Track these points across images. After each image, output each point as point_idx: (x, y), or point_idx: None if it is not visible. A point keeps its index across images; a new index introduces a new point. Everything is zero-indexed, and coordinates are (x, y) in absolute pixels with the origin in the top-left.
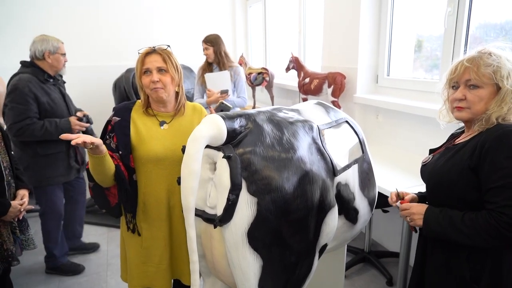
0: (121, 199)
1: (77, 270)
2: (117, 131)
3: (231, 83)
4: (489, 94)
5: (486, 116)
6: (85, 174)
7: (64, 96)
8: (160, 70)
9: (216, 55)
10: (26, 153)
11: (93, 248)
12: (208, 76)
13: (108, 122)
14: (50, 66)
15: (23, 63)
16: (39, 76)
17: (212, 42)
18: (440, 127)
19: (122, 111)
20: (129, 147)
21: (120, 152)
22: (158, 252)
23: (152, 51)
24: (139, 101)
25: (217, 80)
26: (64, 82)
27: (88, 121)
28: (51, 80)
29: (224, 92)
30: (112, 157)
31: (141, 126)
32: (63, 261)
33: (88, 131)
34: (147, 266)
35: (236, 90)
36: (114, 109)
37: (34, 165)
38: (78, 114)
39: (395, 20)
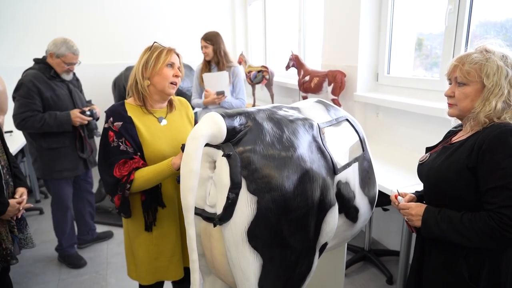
0: (149, 199)
1: (77, 264)
2: (126, 135)
3: (229, 84)
4: (475, 92)
5: (473, 115)
6: (94, 171)
7: (71, 92)
8: (178, 68)
9: (215, 54)
10: (33, 146)
11: (107, 236)
12: (206, 76)
13: (107, 129)
14: (56, 65)
15: (35, 60)
16: (46, 72)
17: (212, 40)
18: (437, 125)
19: (119, 114)
20: (141, 147)
21: (139, 154)
22: (170, 245)
23: (173, 50)
24: (127, 101)
25: (215, 81)
26: (77, 80)
27: (92, 115)
28: (58, 77)
29: (220, 94)
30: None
31: (141, 126)
32: (70, 252)
33: (92, 126)
34: (159, 262)
35: (235, 91)
36: (108, 114)
37: (41, 158)
38: (85, 108)
39: (395, 18)
